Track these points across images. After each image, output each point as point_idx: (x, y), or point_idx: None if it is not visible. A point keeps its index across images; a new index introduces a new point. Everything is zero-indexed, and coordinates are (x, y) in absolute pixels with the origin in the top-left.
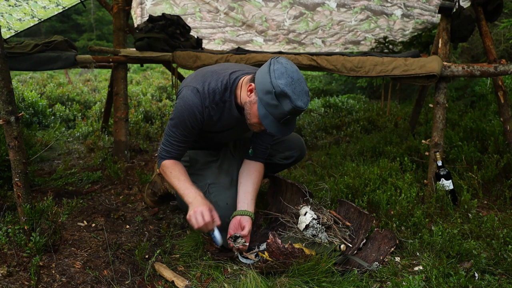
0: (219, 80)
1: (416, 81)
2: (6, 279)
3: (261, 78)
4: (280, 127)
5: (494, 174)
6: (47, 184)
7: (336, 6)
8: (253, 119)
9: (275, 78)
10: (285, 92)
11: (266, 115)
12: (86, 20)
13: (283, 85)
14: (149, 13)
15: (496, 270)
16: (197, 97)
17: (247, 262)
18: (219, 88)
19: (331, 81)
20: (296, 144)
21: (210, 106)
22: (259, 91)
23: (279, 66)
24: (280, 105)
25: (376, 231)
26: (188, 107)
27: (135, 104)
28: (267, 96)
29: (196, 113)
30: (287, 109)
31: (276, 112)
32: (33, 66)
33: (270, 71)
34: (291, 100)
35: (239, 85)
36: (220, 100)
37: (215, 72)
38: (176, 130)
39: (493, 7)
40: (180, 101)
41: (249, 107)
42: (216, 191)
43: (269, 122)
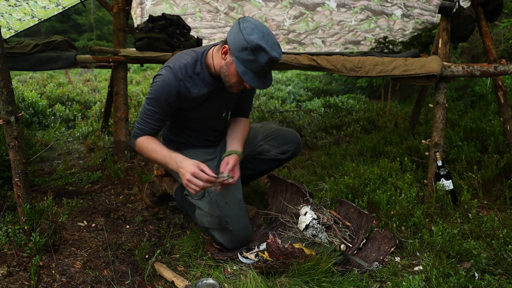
0: (188, 56)
1: (416, 81)
2: (6, 279)
3: (234, 38)
4: (260, 80)
5: (494, 174)
6: (47, 184)
7: (336, 6)
8: (232, 79)
9: (247, 34)
10: (259, 45)
11: (245, 72)
12: (86, 20)
13: (256, 39)
14: (149, 13)
15: (496, 270)
16: (170, 73)
17: (247, 262)
18: (189, 62)
19: (331, 81)
20: (292, 138)
21: (184, 79)
22: (234, 50)
23: (248, 24)
24: (256, 59)
25: (376, 231)
26: (162, 83)
27: (135, 104)
28: (243, 53)
29: (171, 88)
30: (263, 61)
31: (254, 67)
32: (33, 66)
33: (241, 29)
34: (267, 52)
35: (210, 55)
36: (192, 72)
37: (184, 52)
38: (152, 107)
39: (493, 7)
40: (155, 79)
41: (227, 69)
42: (215, 190)
43: (249, 78)
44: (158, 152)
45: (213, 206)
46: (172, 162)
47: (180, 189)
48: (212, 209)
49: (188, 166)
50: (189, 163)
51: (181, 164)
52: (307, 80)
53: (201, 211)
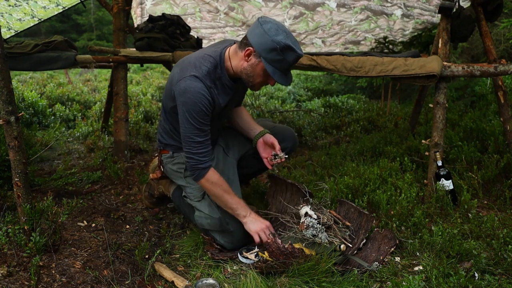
0: (206, 61)
1: (416, 81)
2: (6, 279)
3: (259, 40)
4: (286, 77)
5: (494, 174)
6: (47, 184)
7: (336, 6)
8: (257, 79)
9: (274, 35)
10: (288, 45)
11: (274, 71)
12: (86, 20)
13: (284, 40)
14: (149, 13)
15: (496, 270)
16: (199, 82)
17: (247, 262)
18: (210, 68)
19: (331, 81)
20: (289, 135)
21: (211, 86)
22: (262, 52)
23: (271, 25)
24: (285, 59)
25: (376, 231)
26: (197, 94)
27: (135, 104)
28: (272, 54)
29: (206, 96)
30: (291, 59)
31: (282, 66)
32: (33, 66)
33: (266, 31)
34: (294, 51)
35: (226, 58)
36: (215, 77)
37: (198, 58)
38: (198, 124)
39: (493, 7)
40: (186, 95)
41: (251, 70)
42: None
43: (278, 76)
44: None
45: (213, 208)
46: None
47: (177, 191)
48: (212, 211)
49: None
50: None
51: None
52: (307, 80)
53: (201, 213)
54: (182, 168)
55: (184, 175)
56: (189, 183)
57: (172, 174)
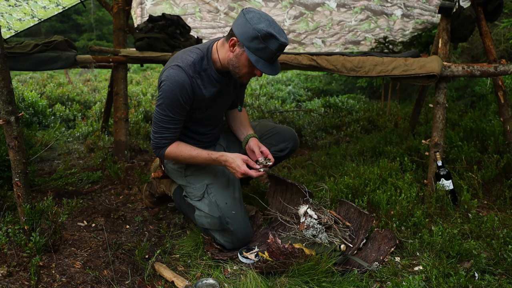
0: (193, 53)
1: (416, 81)
2: (6, 279)
3: (241, 29)
4: (271, 66)
5: (494, 174)
6: (47, 184)
7: (336, 6)
8: (243, 70)
9: (256, 23)
10: (269, 33)
11: (257, 60)
12: (86, 20)
13: (265, 27)
14: (149, 13)
15: (496, 270)
16: (180, 71)
17: (247, 262)
18: (196, 59)
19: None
20: (289, 135)
21: (194, 76)
22: (244, 41)
23: (254, 14)
24: (267, 47)
25: (376, 231)
26: (176, 83)
27: (135, 104)
28: (254, 42)
29: (186, 86)
30: (274, 48)
31: (265, 54)
32: (33, 66)
33: (248, 20)
34: (277, 38)
35: (214, 50)
36: (200, 69)
37: (186, 50)
38: (170, 111)
39: (493, 7)
40: (166, 82)
41: (236, 60)
42: (215, 191)
43: (262, 65)
44: (195, 157)
45: (213, 207)
46: (216, 163)
47: (178, 190)
48: (212, 210)
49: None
50: (237, 163)
51: (229, 164)
52: (307, 80)
53: (201, 212)
54: (183, 168)
55: (185, 174)
56: (189, 182)
57: (172, 173)
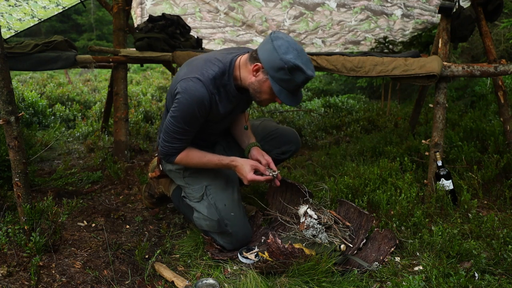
0: (215, 66)
1: (416, 81)
2: (6, 279)
3: (268, 57)
4: (294, 97)
5: (494, 174)
6: (47, 184)
7: (336, 6)
8: (264, 96)
9: (283, 53)
10: (297, 65)
11: (280, 91)
12: (86, 20)
13: (293, 59)
14: (149, 13)
15: (496, 270)
16: (200, 86)
17: (247, 262)
18: (217, 73)
19: (331, 81)
20: (292, 137)
21: (213, 91)
22: (269, 69)
23: (282, 42)
24: (292, 79)
25: (376, 231)
26: (195, 98)
27: (135, 104)
28: (279, 73)
29: (205, 102)
30: (300, 81)
31: (289, 86)
32: (33, 66)
33: (275, 48)
34: (303, 71)
35: (236, 66)
36: (220, 84)
37: (207, 60)
38: (185, 124)
39: (493, 7)
40: (184, 95)
41: (259, 86)
42: (214, 192)
43: (284, 97)
44: (206, 164)
45: (212, 209)
46: (226, 168)
47: (177, 191)
48: (210, 212)
49: (245, 173)
50: (246, 169)
51: (238, 170)
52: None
53: (199, 214)
54: (182, 169)
55: (183, 175)
56: (187, 183)
57: (171, 173)
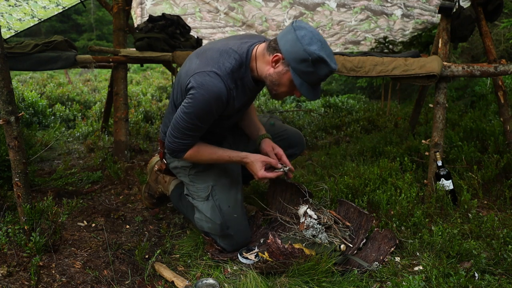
0: (231, 58)
1: (416, 81)
2: (6, 279)
3: (290, 47)
4: (314, 91)
5: (494, 174)
6: (47, 184)
7: (336, 6)
8: (282, 89)
9: (307, 45)
10: (321, 57)
11: (302, 84)
12: (86, 20)
13: (318, 51)
14: (149, 13)
15: (496, 270)
16: (219, 81)
17: (247, 262)
18: (234, 66)
19: (331, 81)
20: (298, 140)
21: (231, 86)
22: (291, 61)
23: (305, 32)
24: (315, 71)
25: (376, 231)
26: (213, 94)
27: (135, 104)
28: (302, 65)
29: (223, 98)
30: (323, 74)
31: (311, 79)
32: (33, 66)
33: (299, 39)
34: (327, 64)
35: (253, 57)
36: (238, 77)
37: (223, 52)
38: (199, 121)
39: (493, 7)
40: (200, 91)
41: (278, 78)
42: (219, 193)
43: (305, 90)
44: (216, 160)
45: (216, 211)
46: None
47: (176, 190)
48: (214, 215)
49: (256, 171)
50: (257, 166)
51: (249, 167)
52: None
53: (202, 215)
54: (188, 167)
55: (189, 173)
56: (192, 181)
57: (175, 170)
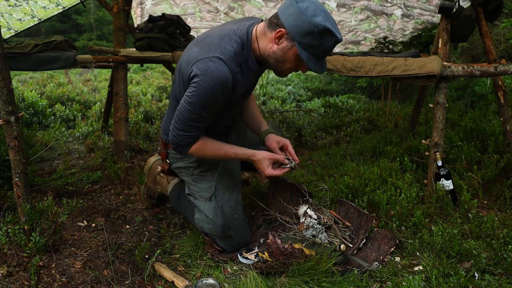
0: (232, 41)
1: (416, 81)
2: (6, 279)
3: (294, 21)
4: (321, 64)
5: (494, 174)
6: (47, 184)
7: (336, 6)
8: (287, 65)
9: (312, 16)
10: (327, 28)
11: (309, 58)
12: (86, 20)
13: (323, 22)
14: (149, 13)
15: (496, 270)
16: (223, 66)
17: (247, 262)
18: (237, 49)
19: (331, 81)
20: None
21: (236, 70)
22: (296, 35)
23: (308, 3)
24: (322, 44)
25: (376, 231)
26: (218, 80)
27: (135, 104)
28: (308, 38)
29: (228, 84)
30: (329, 45)
31: (318, 52)
32: (33, 66)
33: (302, 11)
34: (333, 35)
35: (254, 38)
36: (242, 60)
37: (223, 36)
38: (204, 111)
39: (493, 7)
40: (204, 77)
41: (282, 54)
42: (222, 193)
43: (313, 64)
44: (222, 157)
45: (218, 212)
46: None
47: (175, 191)
48: (216, 216)
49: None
50: (264, 164)
51: (256, 165)
52: (307, 80)
53: (203, 216)
54: (192, 167)
55: (192, 173)
56: (195, 181)
57: (178, 170)
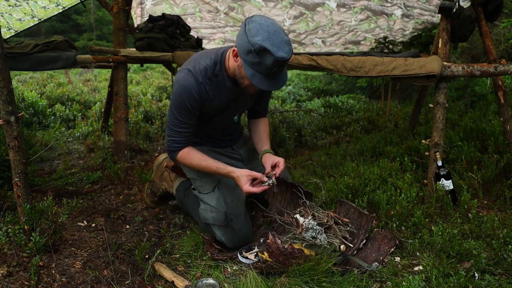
0: (208, 57)
1: (416, 81)
2: (6, 279)
3: (240, 40)
4: (269, 81)
5: (494, 174)
6: (47, 184)
7: (336, 6)
8: (245, 81)
9: (251, 36)
10: (263, 47)
11: (253, 74)
12: (86, 20)
13: (260, 41)
14: (149, 13)
15: (496, 270)
16: (189, 76)
17: (247, 262)
18: (209, 64)
19: (331, 81)
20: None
21: (204, 82)
22: (241, 53)
23: (254, 24)
24: (262, 61)
25: (376, 231)
26: (184, 88)
27: (135, 104)
28: (249, 56)
29: (193, 92)
30: (269, 63)
31: (261, 69)
32: (33, 66)
33: (246, 31)
34: (271, 53)
35: (227, 57)
36: (212, 74)
37: (204, 52)
38: (179, 115)
39: (493, 7)
40: (175, 85)
41: (239, 71)
42: (223, 187)
43: (257, 80)
44: (204, 168)
45: (221, 201)
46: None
47: (181, 186)
48: (219, 204)
49: (241, 185)
50: (242, 181)
51: (236, 182)
52: (307, 80)
53: (207, 206)
54: None
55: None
56: (199, 177)
57: (184, 167)
